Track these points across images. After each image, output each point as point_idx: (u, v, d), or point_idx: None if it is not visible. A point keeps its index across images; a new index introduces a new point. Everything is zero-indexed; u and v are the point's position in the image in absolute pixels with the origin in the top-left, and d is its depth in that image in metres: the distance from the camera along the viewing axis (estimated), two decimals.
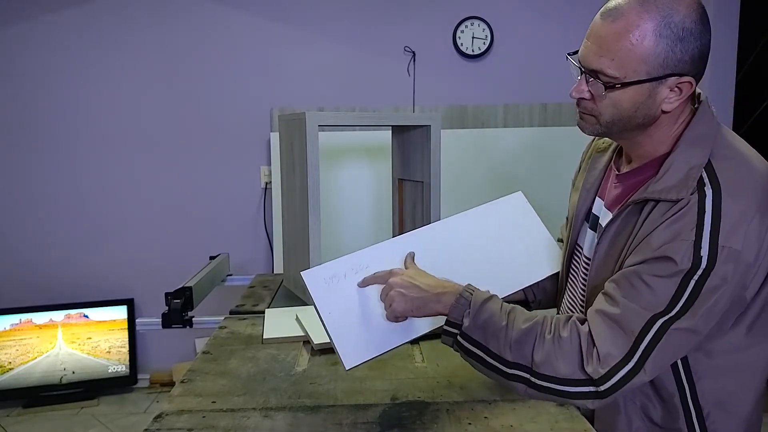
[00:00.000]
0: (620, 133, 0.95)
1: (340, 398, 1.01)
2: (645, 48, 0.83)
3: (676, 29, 0.83)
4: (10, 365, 2.90)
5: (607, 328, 0.85)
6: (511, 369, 0.88)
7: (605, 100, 0.90)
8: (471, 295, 0.91)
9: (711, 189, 0.84)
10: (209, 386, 1.07)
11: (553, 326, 0.88)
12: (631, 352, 0.84)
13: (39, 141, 2.98)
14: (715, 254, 0.81)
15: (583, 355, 0.85)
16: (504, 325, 0.87)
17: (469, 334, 0.89)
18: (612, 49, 0.85)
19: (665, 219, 0.85)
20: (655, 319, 0.83)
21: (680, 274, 0.82)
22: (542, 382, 0.86)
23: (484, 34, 2.94)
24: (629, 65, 0.85)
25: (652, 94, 0.87)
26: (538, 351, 0.86)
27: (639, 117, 0.90)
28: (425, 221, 1.73)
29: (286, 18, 2.95)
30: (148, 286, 3.01)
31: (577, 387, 0.85)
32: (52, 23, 2.91)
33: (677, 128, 0.93)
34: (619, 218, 0.95)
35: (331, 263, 0.98)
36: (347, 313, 0.94)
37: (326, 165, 2.77)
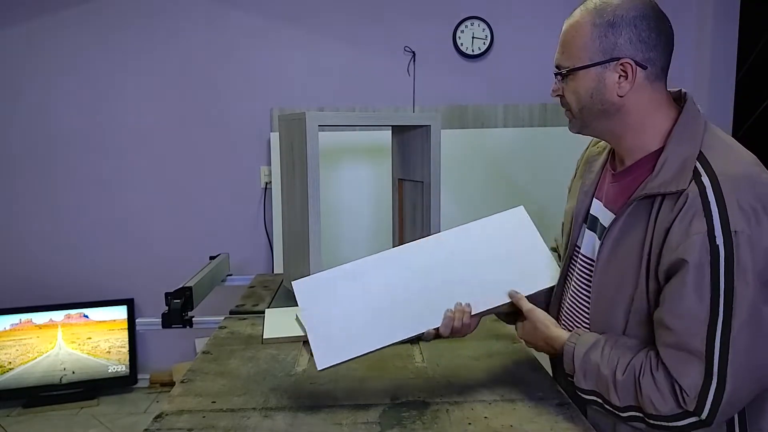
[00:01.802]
0: (594, 124, 1.01)
1: (340, 398, 1.01)
2: (583, 37, 0.96)
3: (607, 18, 0.95)
4: (10, 365, 2.90)
5: (678, 360, 0.87)
6: (625, 413, 0.92)
7: (568, 91, 1.01)
8: (573, 345, 0.97)
9: (708, 179, 0.87)
10: (209, 386, 1.07)
11: (646, 368, 0.90)
12: (708, 372, 0.84)
13: (39, 141, 2.98)
14: (730, 241, 0.83)
15: (675, 392, 0.87)
16: (606, 374, 0.92)
17: (583, 388, 0.96)
18: (565, 45, 1.00)
19: (677, 215, 0.87)
20: (713, 329, 0.84)
21: (705, 272, 0.84)
22: (655, 422, 0.89)
23: (484, 34, 2.94)
24: (574, 54, 0.98)
25: (601, 78, 0.96)
26: (640, 396, 0.89)
27: (597, 103, 0.98)
28: (425, 221, 1.73)
29: (286, 18, 2.95)
30: (148, 286, 3.01)
31: (684, 420, 0.87)
32: (52, 23, 2.91)
33: (664, 124, 0.98)
34: (623, 216, 0.96)
35: (321, 273, 1.02)
36: (327, 317, 0.98)
37: (326, 165, 2.77)
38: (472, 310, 1.05)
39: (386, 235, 2.12)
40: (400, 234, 1.89)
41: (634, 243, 0.94)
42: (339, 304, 1.00)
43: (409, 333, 1.00)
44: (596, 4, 0.97)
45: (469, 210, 2.88)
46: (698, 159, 0.90)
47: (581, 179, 1.15)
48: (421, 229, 1.76)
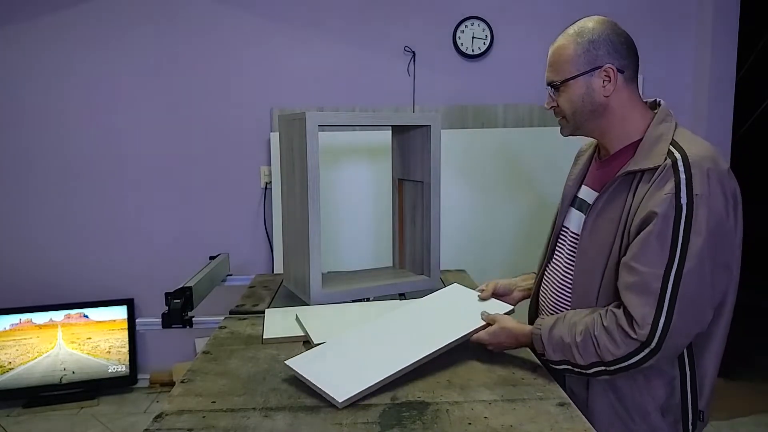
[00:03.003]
0: (586, 124, 1.21)
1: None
2: (568, 54, 1.17)
3: (587, 37, 1.16)
4: (10, 365, 2.90)
5: (635, 296, 1.03)
6: (590, 369, 1.09)
7: (561, 100, 1.21)
8: (539, 329, 1.15)
9: (679, 154, 1.07)
10: (209, 386, 1.07)
11: (598, 322, 1.08)
12: (659, 306, 1.01)
13: (38, 141, 2.98)
14: (692, 201, 1.01)
15: (625, 328, 1.03)
16: (569, 342, 1.10)
17: (554, 359, 1.13)
18: (554, 64, 1.21)
19: (652, 184, 1.06)
20: (668, 272, 1.01)
21: (669, 223, 1.02)
22: (615, 367, 1.06)
23: (484, 34, 2.94)
24: (564, 69, 1.18)
25: (589, 85, 1.17)
26: (598, 348, 1.06)
27: (588, 105, 1.18)
28: (425, 221, 1.73)
29: (286, 18, 2.95)
30: (148, 286, 3.01)
31: (637, 355, 1.04)
32: (52, 23, 2.91)
33: (643, 119, 1.19)
34: (606, 193, 1.16)
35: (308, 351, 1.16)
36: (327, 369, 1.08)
37: (326, 165, 2.77)
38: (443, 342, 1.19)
39: (386, 235, 2.12)
40: (400, 234, 1.89)
41: (614, 214, 1.13)
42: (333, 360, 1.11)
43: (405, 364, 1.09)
44: (575, 30, 1.18)
45: (470, 210, 2.89)
46: (671, 144, 1.10)
47: (571, 170, 1.38)
48: (421, 229, 1.76)
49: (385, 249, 2.27)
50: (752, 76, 3.09)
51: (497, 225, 2.89)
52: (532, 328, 1.17)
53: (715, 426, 2.58)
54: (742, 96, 2.94)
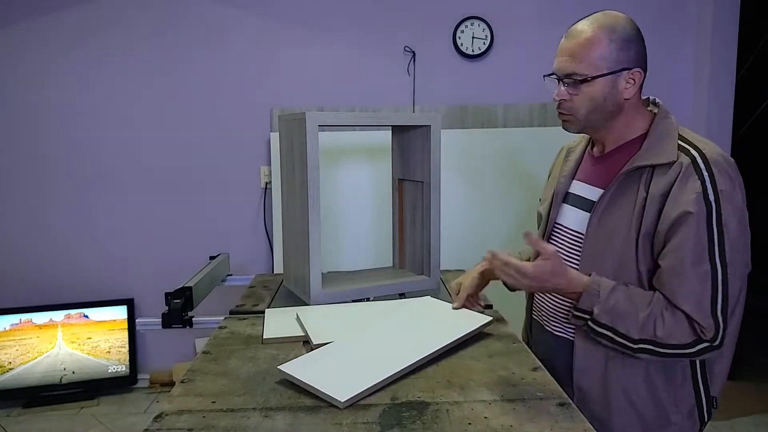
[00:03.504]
0: (596, 124, 1.19)
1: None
2: (602, 50, 1.12)
3: (620, 34, 1.12)
4: (10, 365, 2.90)
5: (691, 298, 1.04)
6: (636, 344, 1.08)
7: (581, 96, 1.15)
8: (599, 286, 1.10)
9: (696, 152, 1.08)
10: (209, 386, 1.07)
11: (665, 307, 1.07)
12: (713, 301, 1.04)
13: (39, 141, 2.98)
14: (718, 198, 1.04)
15: (693, 327, 1.05)
16: (627, 310, 1.08)
17: (598, 320, 1.10)
18: (580, 56, 1.13)
19: (674, 182, 1.07)
20: (715, 272, 1.04)
21: (703, 222, 1.04)
22: (668, 350, 1.07)
23: (484, 34, 2.94)
24: (593, 64, 1.12)
25: (614, 84, 1.14)
26: (659, 329, 1.06)
27: (609, 105, 1.15)
28: (425, 221, 1.73)
29: (286, 18, 2.95)
30: (148, 286, 3.01)
31: (697, 346, 1.05)
32: (52, 23, 2.92)
33: (645, 117, 1.20)
34: (614, 186, 1.15)
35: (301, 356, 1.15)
36: (323, 372, 1.07)
37: (326, 165, 2.77)
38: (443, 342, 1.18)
39: (386, 235, 2.12)
40: (400, 234, 1.89)
41: (624, 210, 1.13)
42: (328, 364, 1.11)
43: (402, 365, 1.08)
44: (605, 22, 1.13)
45: (470, 210, 2.89)
46: (680, 139, 1.12)
47: (560, 167, 1.36)
48: (421, 229, 1.76)
49: (385, 249, 2.27)
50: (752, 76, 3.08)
51: (497, 225, 2.89)
52: (589, 281, 1.11)
53: (715, 426, 2.58)
54: (742, 96, 2.94)
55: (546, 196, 1.38)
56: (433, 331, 1.27)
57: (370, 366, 1.09)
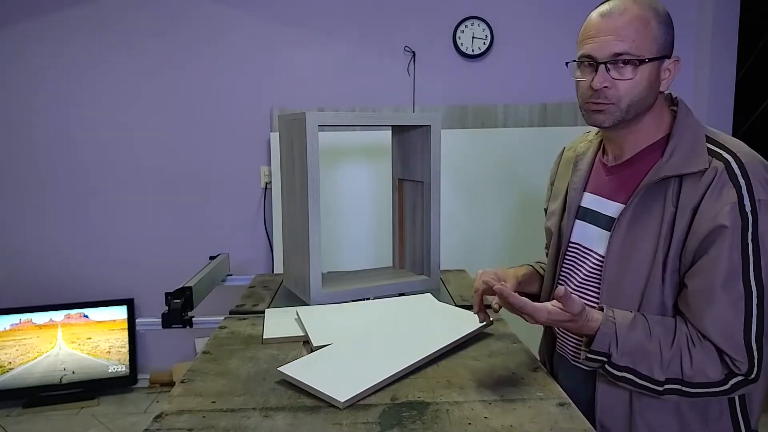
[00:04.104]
0: (632, 119, 1.03)
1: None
2: (653, 30, 0.99)
3: (664, 17, 1.02)
4: (10, 365, 2.90)
5: (720, 326, 0.92)
6: (662, 386, 0.95)
7: (629, 82, 1.00)
8: (614, 324, 0.96)
9: (729, 156, 0.95)
10: (209, 386, 1.07)
11: (691, 340, 0.95)
12: (747, 329, 0.92)
13: (38, 141, 2.98)
14: (755, 208, 0.91)
15: (723, 359, 0.93)
16: (650, 349, 0.95)
17: (618, 364, 0.97)
18: (630, 35, 0.98)
19: (706, 191, 0.94)
20: (750, 293, 0.91)
21: (738, 236, 0.91)
22: (698, 389, 0.94)
23: (484, 34, 2.94)
24: (645, 45, 0.99)
25: (659, 72, 1.02)
26: (686, 366, 0.93)
27: (652, 96, 1.02)
28: (425, 221, 1.73)
29: (286, 18, 2.95)
30: (148, 286, 3.01)
31: (731, 381, 0.93)
32: (53, 23, 2.91)
33: (667, 116, 1.07)
34: (635, 201, 1.02)
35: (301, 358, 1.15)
36: (323, 372, 1.07)
37: (326, 165, 2.77)
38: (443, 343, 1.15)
39: (386, 235, 2.12)
40: (400, 234, 1.89)
41: (649, 227, 0.99)
42: (327, 365, 1.10)
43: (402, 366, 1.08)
44: (648, 3, 1.01)
45: (469, 210, 2.88)
46: (708, 142, 0.99)
47: (569, 178, 1.20)
48: (421, 229, 1.76)
49: (385, 249, 2.27)
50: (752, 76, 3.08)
51: (497, 225, 2.89)
52: (604, 319, 0.96)
53: None
54: (742, 96, 2.94)
55: (553, 209, 1.24)
56: (433, 331, 1.27)
57: (370, 366, 1.09)
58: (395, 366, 1.08)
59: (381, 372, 1.06)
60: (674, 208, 0.97)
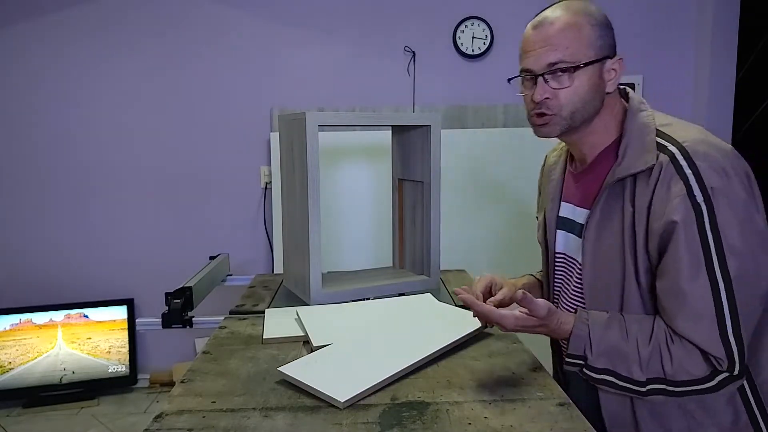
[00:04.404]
0: (579, 125, 1.03)
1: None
2: (587, 35, 0.98)
3: (600, 19, 1.00)
4: (10, 365, 2.90)
5: (697, 331, 0.90)
6: (645, 387, 0.93)
7: (567, 90, 0.99)
8: (587, 326, 0.95)
9: (674, 147, 0.94)
10: (209, 386, 1.07)
11: (669, 337, 0.92)
12: (721, 324, 0.88)
13: (39, 141, 2.98)
14: (708, 197, 0.88)
15: (705, 354, 0.90)
16: (627, 351, 0.93)
17: (595, 366, 0.95)
18: (563, 43, 0.99)
19: (655, 187, 0.93)
20: (716, 283, 0.88)
21: (693, 228, 0.89)
22: (682, 388, 0.92)
23: (484, 34, 2.94)
24: (581, 51, 0.98)
25: (601, 74, 1.00)
26: (667, 364, 0.91)
27: (597, 100, 1.01)
28: (425, 221, 1.73)
29: (286, 18, 2.95)
30: (148, 286, 3.01)
31: (716, 378, 0.90)
32: (53, 23, 2.92)
33: (618, 115, 1.05)
34: (598, 206, 1.02)
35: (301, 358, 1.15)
36: (322, 372, 1.07)
37: (326, 165, 2.77)
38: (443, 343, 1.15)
39: (386, 235, 2.12)
40: (400, 234, 1.88)
41: (614, 230, 0.99)
42: (327, 365, 1.10)
43: (402, 366, 1.08)
44: (580, 7, 1.01)
45: (469, 210, 2.88)
46: (658, 135, 0.97)
47: (546, 188, 1.22)
48: (421, 229, 1.76)
49: (385, 249, 2.27)
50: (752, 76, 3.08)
51: (497, 225, 2.89)
52: (574, 324, 0.96)
53: None
54: (742, 96, 2.94)
55: (540, 220, 1.25)
56: (433, 331, 1.27)
57: (370, 366, 1.09)
58: (395, 366, 1.08)
59: (381, 372, 1.06)
60: (632, 208, 0.96)
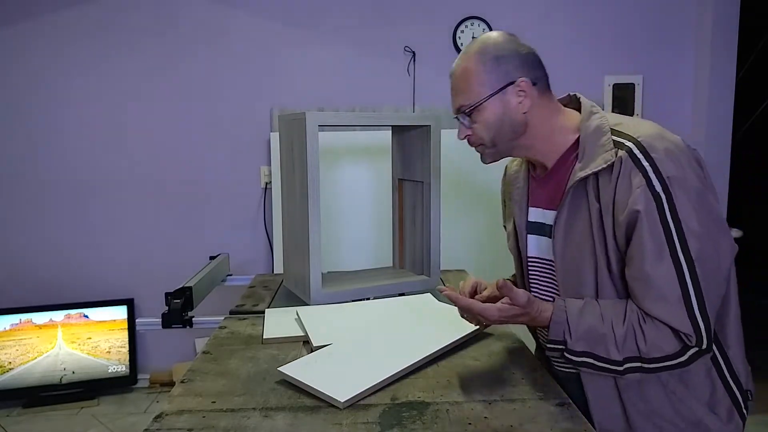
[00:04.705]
0: (509, 145, 1.13)
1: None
2: (477, 75, 1.09)
3: (491, 52, 1.09)
4: (10, 365, 2.90)
5: (666, 311, 0.95)
6: (622, 366, 0.98)
7: (478, 125, 1.12)
8: (565, 312, 1.01)
9: (630, 142, 1.00)
10: (209, 386, 1.07)
11: (640, 317, 0.98)
12: (687, 303, 0.95)
13: (38, 141, 2.98)
14: (666, 186, 0.95)
15: (678, 334, 0.96)
16: (604, 332, 0.99)
17: (575, 350, 1.01)
18: (461, 88, 1.12)
19: (617, 181, 0.99)
20: (680, 266, 0.95)
21: (654, 216, 0.95)
22: (657, 364, 0.98)
23: None
24: (475, 91, 1.09)
25: (505, 103, 1.09)
26: (641, 343, 0.97)
27: (507, 125, 1.10)
28: (425, 221, 1.73)
29: (286, 18, 2.95)
30: (148, 286, 3.01)
31: (686, 353, 0.97)
32: (53, 22, 2.92)
33: (570, 122, 1.12)
34: (564, 206, 1.07)
35: (301, 358, 1.15)
36: (322, 372, 1.07)
37: (326, 165, 2.77)
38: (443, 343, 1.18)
39: (386, 235, 2.12)
40: (400, 234, 1.89)
41: (583, 227, 1.05)
42: (327, 365, 1.11)
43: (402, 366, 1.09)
44: (474, 48, 1.10)
45: (469, 210, 2.88)
46: (613, 134, 1.03)
47: (512, 197, 1.27)
48: (421, 229, 1.76)
49: (385, 249, 2.27)
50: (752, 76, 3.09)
51: (497, 225, 2.89)
52: (553, 311, 1.02)
53: None
54: (742, 96, 2.95)
55: (509, 229, 1.29)
56: (433, 331, 1.27)
57: (370, 366, 1.09)
58: (395, 366, 1.08)
59: (381, 372, 1.06)
60: (598, 204, 1.02)
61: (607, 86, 2.96)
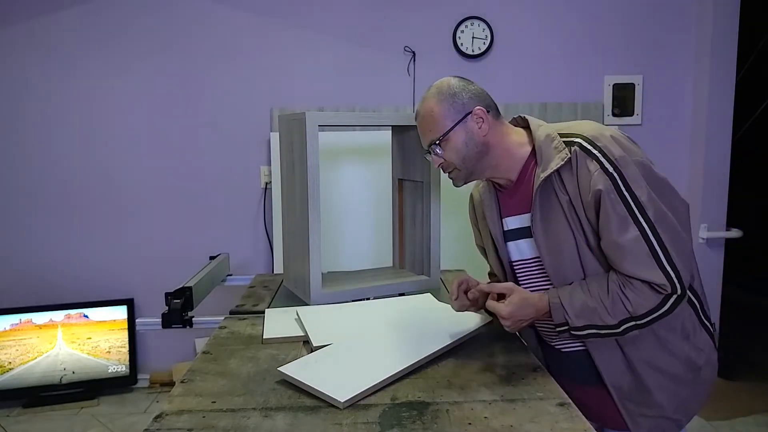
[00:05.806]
0: (476, 166, 1.28)
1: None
2: (440, 113, 1.27)
3: (447, 91, 1.27)
4: (10, 365, 2.90)
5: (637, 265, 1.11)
6: (620, 327, 1.14)
7: (448, 153, 1.28)
8: (558, 298, 1.17)
9: (578, 138, 1.18)
10: (209, 386, 1.07)
11: (620, 284, 1.13)
12: (660, 260, 1.10)
13: (38, 141, 2.98)
14: (616, 166, 1.12)
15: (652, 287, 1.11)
16: (594, 306, 1.14)
17: (576, 326, 1.16)
18: (427, 127, 1.29)
19: (577, 172, 1.16)
20: (643, 229, 1.11)
21: (613, 192, 1.11)
22: (648, 319, 1.13)
23: (484, 34, 2.94)
24: (440, 124, 1.27)
25: (466, 131, 1.26)
26: (628, 305, 1.12)
27: (473, 148, 1.26)
28: (425, 221, 1.73)
29: (286, 18, 2.95)
30: (148, 286, 3.01)
31: (667, 302, 1.12)
32: (51, 23, 2.92)
33: (523, 139, 1.29)
34: (536, 205, 1.21)
35: (302, 357, 1.17)
36: (323, 372, 1.08)
37: (326, 165, 2.77)
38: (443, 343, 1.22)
39: (386, 235, 2.12)
40: (400, 234, 1.89)
41: (558, 218, 1.19)
42: (327, 365, 1.12)
43: (402, 366, 1.09)
44: (434, 92, 1.28)
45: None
46: (561, 137, 1.21)
47: (483, 217, 1.39)
48: (421, 229, 1.76)
49: (385, 249, 2.27)
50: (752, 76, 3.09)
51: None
52: (549, 299, 1.18)
53: (715, 426, 2.58)
54: (742, 96, 2.95)
55: (488, 245, 1.40)
56: (433, 331, 1.27)
57: (370, 366, 1.09)
58: (395, 366, 1.08)
59: (381, 372, 1.06)
60: (567, 195, 1.18)
61: (607, 86, 2.96)
